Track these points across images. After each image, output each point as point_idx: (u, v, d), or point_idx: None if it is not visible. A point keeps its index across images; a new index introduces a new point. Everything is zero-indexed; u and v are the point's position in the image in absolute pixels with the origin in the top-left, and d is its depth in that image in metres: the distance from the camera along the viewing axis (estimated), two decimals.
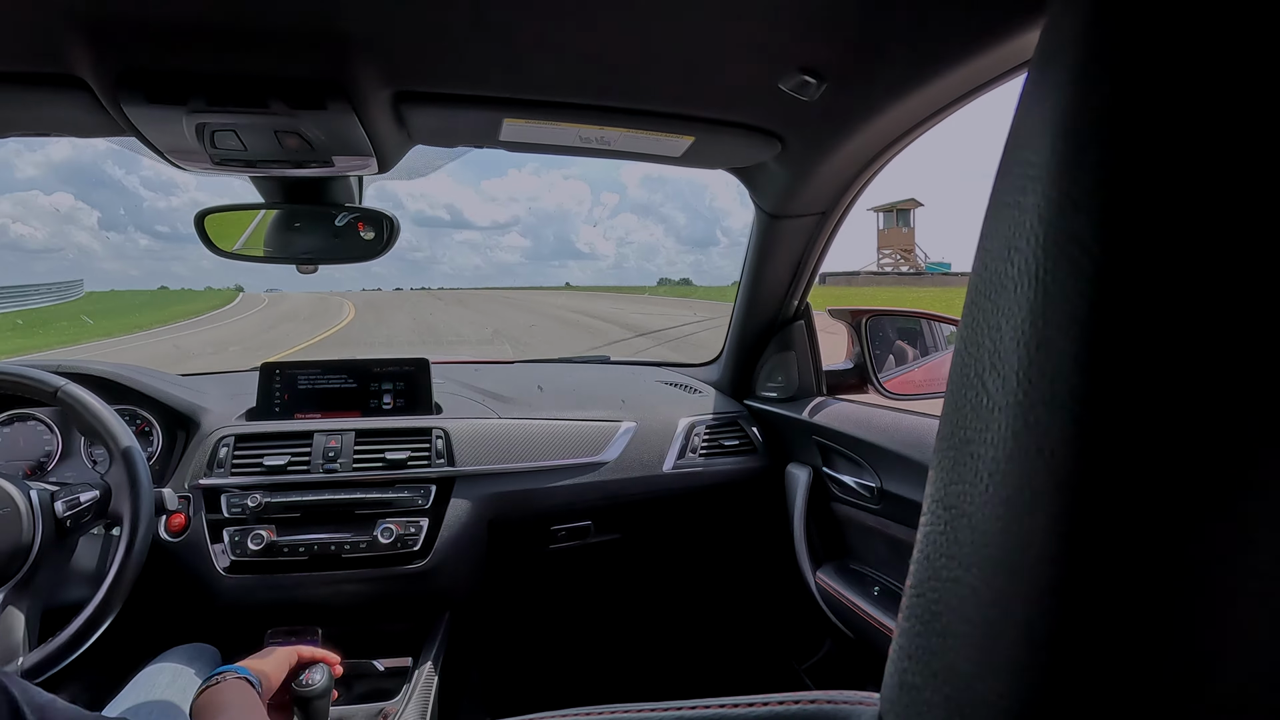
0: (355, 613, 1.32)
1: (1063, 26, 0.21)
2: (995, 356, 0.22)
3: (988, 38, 0.75)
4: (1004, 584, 0.21)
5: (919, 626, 0.25)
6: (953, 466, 0.24)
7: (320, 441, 1.31)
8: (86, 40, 0.75)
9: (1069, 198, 0.20)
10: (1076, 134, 0.20)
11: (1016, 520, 0.21)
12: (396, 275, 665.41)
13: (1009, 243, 0.22)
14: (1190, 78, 0.18)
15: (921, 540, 0.25)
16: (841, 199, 1.28)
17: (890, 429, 1.23)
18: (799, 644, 1.69)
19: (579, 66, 0.87)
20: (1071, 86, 0.20)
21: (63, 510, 1.00)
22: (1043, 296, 0.20)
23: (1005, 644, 0.21)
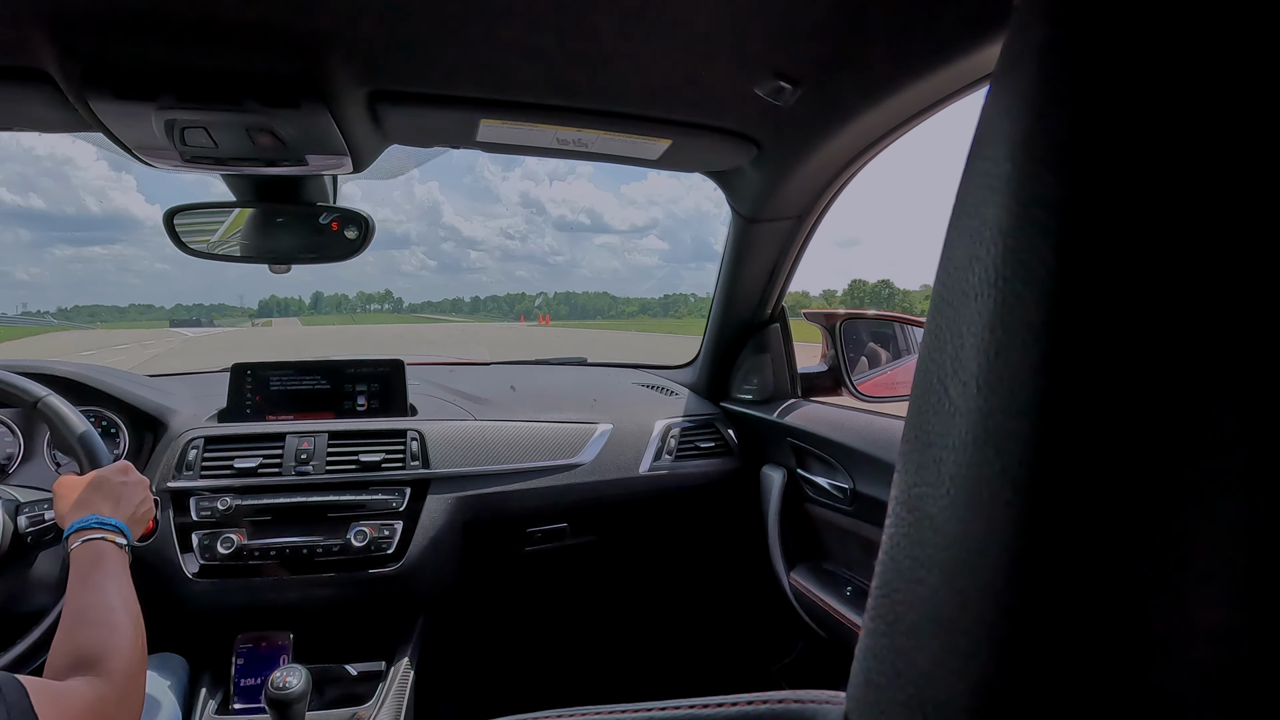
0: (327, 617, 1.30)
1: (1022, 42, 0.22)
2: (957, 362, 0.22)
3: (953, 51, 0.77)
4: (964, 584, 0.22)
5: (884, 626, 0.25)
6: (916, 469, 0.24)
7: (293, 443, 1.29)
8: (52, 33, 0.73)
9: (1026, 209, 0.20)
10: (1034, 147, 0.20)
11: (975, 523, 0.21)
12: (541, 279, 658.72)
13: (970, 252, 0.22)
14: (1143, 95, 0.18)
15: (887, 541, 0.26)
16: (816, 204, 1.30)
17: (863, 431, 1.24)
18: (773, 645, 1.70)
19: (556, 69, 0.87)
20: (1030, 101, 0.21)
21: (25, 525, 0.97)
22: (1001, 305, 0.21)
23: (965, 643, 0.22)
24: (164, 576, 1.19)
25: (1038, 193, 0.20)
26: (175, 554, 1.19)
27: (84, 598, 0.73)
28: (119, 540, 0.82)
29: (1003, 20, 0.69)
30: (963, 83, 0.85)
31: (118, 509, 0.87)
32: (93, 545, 0.80)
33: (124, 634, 0.70)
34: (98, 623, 0.70)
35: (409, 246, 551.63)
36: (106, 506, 0.86)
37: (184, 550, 1.20)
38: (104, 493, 0.88)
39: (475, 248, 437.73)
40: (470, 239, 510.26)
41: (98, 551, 0.79)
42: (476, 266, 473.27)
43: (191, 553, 1.20)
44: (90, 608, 0.72)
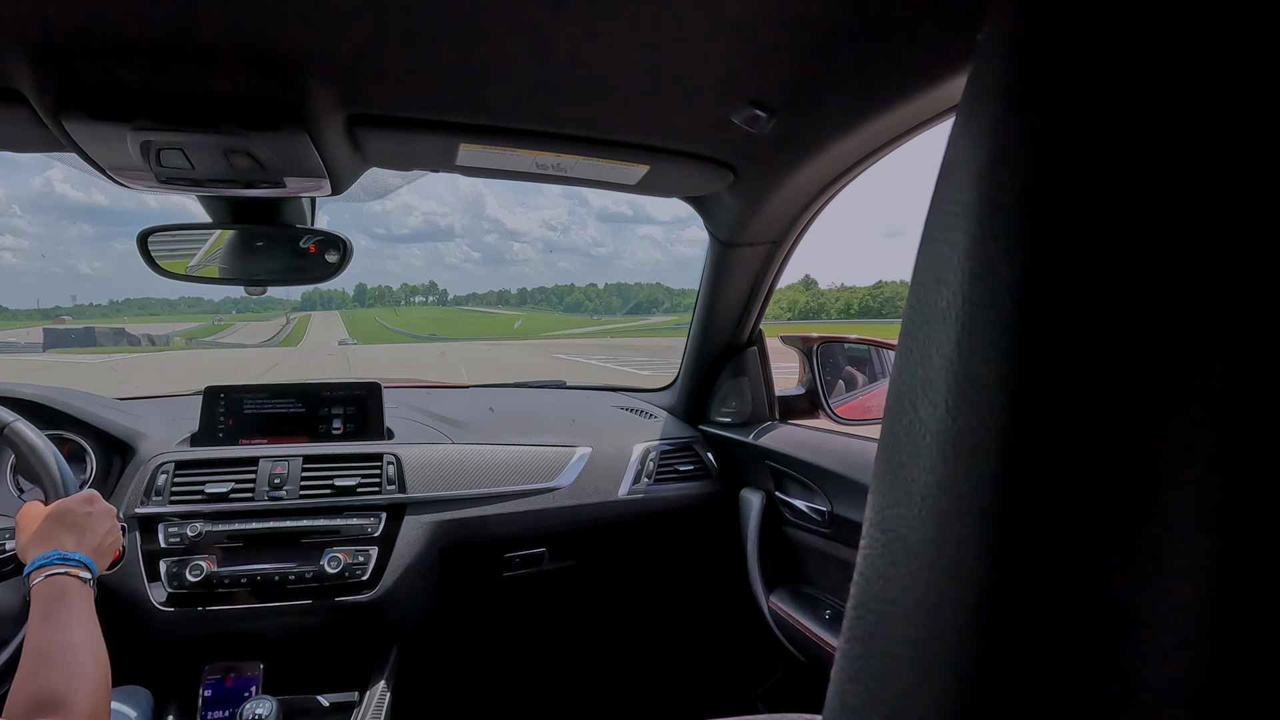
0: (299, 646, 1.27)
1: (985, 75, 0.22)
2: (927, 385, 0.23)
3: (922, 82, 0.79)
4: (936, 605, 0.22)
5: (859, 649, 0.25)
6: (889, 490, 0.24)
7: (266, 467, 1.27)
8: (27, 54, 0.72)
9: (991, 235, 0.21)
10: (998, 174, 0.21)
11: (946, 544, 0.22)
12: (583, 271, 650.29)
13: (938, 276, 0.23)
14: (1104, 124, 0.19)
15: (861, 563, 0.26)
16: (793, 228, 1.32)
17: (840, 453, 1.25)
18: (753, 669, 1.69)
19: (535, 95, 0.88)
20: (993, 130, 0.21)
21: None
22: (968, 329, 0.21)
23: (938, 664, 0.22)
24: (130, 605, 1.15)
25: (1001, 219, 0.21)
26: (142, 582, 1.16)
27: (46, 636, 0.71)
28: (83, 575, 0.80)
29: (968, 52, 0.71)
30: (933, 112, 0.87)
31: (82, 541, 0.84)
32: (55, 581, 0.77)
33: (87, 674, 0.69)
34: (60, 662, 0.68)
35: (454, 239, 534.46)
36: (70, 540, 0.84)
37: (151, 578, 1.17)
38: (67, 524, 0.85)
39: (518, 239, 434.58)
40: (513, 231, 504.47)
41: (60, 587, 0.77)
42: (519, 258, 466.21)
43: (159, 581, 1.17)
44: (52, 647, 0.70)
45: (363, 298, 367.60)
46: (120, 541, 0.93)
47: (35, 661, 0.68)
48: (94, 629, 0.75)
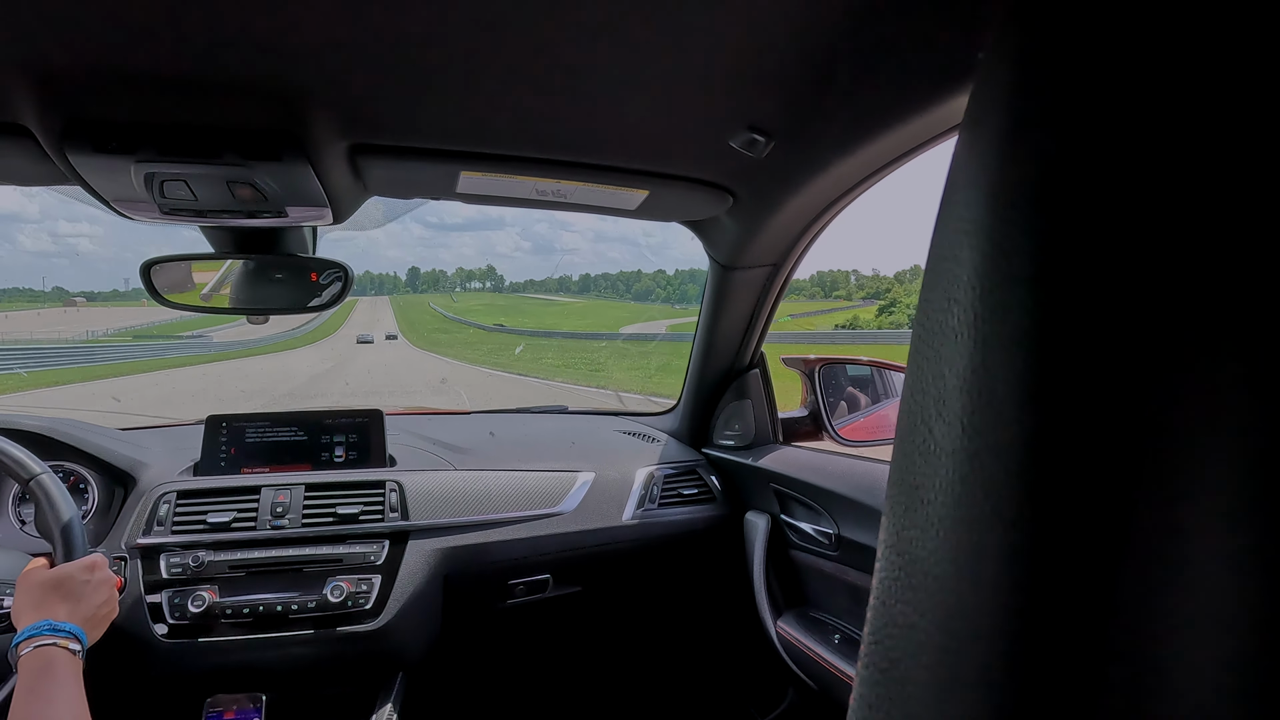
0: (302, 677, 1.26)
1: (988, 93, 0.23)
2: (940, 404, 0.23)
3: (921, 102, 0.80)
4: (958, 629, 0.21)
5: (877, 675, 0.25)
6: (904, 512, 0.24)
7: (268, 496, 1.27)
8: (31, 88, 0.73)
9: (1002, 251, 0.21)
10: (1006, 191, 0.21)
11: (967, 565, 0.21)
12: (632, 261, 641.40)
13: (948, 294, 0.23)
14: (1112, 137, 0.19)
15: (877, 586, 0.25)
16: (791, 252, 1.32)
17: (846, 475, 1.24)
18: (761, 695, 1.66)
19: (535, 123, 0.88)
20: (999, 147, 0.22)
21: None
22: (982, 346, 0.21)
23: (962, 690, 0.21)
24: (131, 637, 1.14)
25: (1011, 235, 0.21)
26: (144, 614, 1.15)
27: (30, 710, 0.70)
28: (72, 646, 0.79)
29: (969, 70, 0.72)
30: (933, 132, 0.88)
31: (75, 611, 0.84)
32: (43, 652, 0.77)
33: None
34: None
35: (504, 228, 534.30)
36: (63, 609, 0.83)
37: (153, 610, 1.16)
38: (64, 592, 0.85)
39: (568, 229, 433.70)
40: (563, 220, 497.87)
41: (47, 659, 0.76)
42: (569, 248, 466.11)
43: (161, 612, 1.16)
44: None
45: (415, 282, 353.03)
46: (115, 614, 0.92)
47: None
48: (80, 703, 0.75)
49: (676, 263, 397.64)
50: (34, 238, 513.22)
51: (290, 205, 0.96)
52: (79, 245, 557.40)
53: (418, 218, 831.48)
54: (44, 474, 0.99)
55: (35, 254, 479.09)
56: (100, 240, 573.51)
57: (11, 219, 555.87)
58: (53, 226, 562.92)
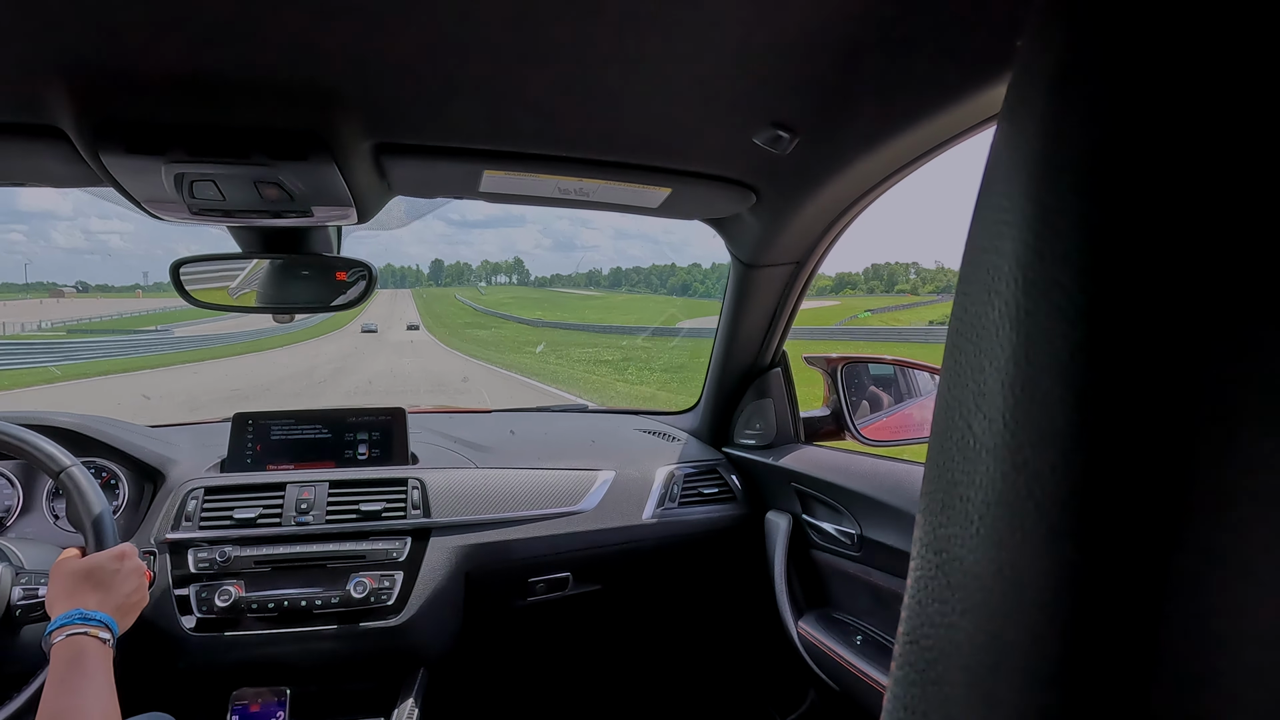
0: (326, 672, 1.27)
1: (1029, 79, 0.22)
2: (980, 398, 0.22)
3: (954, 93, 0.78)
4: (999, 629, 0.21)
5: (913, 675, 0.24)
6: (941, 510, 0.24)
7: (293, 493, 1.28)
8: (67, 91, 0.75)
9: (1045, 241, 0.20)
10: (1049, 180, 0.21)
11: (1009, 563, 0.21)
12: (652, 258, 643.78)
13: (988, 287, 0.22)
14: (1158, 122, 0.18)
15: (912, 586, 0.25)
16: (815, 249, 1.31)
17: (869, 475, 1.23)
18: (782, 696, 1.66)
19: (558, 121, 0.89)
20: (1041, 135, 0.21)
21: (18, 596, 0.96)
22: (1025, 339, 0.21)
23: (1004, 691, 0.21)
24: (159, 630, 1.16)
25: (1055, 225, 0.20)
26: (172, 607, 1.17)
27: (61, 701, 0.72)
28: (103, 635, 0.81)
29: (1004, 60, 0.71)
30: (964, 125, 0.86)
31: (106, 599, 0.86)
32: (74, 641, 0.78)
33: None
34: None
35: (525, 225, 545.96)
36: (94, 598, 0.85)
37: (180, 603, 1.18)
38: (94, 581, 0.86)
39: (589, 226, 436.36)
40: (584, 218, 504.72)
41: (79, 648, 0.78)
42: (589, 244, 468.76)
43: (189, 605, 1.18)
44: (65, 711, 0.71)
45: (439, 275, 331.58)
46: (145, 602, 0.94)
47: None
48: (109, 694, 0.76)
49: (699, 258, 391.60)
50: (67, 235, 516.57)
51: (316, 205, 0.97)
52: (110, 242, 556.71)
53: (440, 215, 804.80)
54: (74, 466, 1.01)
55: (69, 250, 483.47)
56: (131, 237, 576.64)
57: (46, 216, 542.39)
58: (85, 224, 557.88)
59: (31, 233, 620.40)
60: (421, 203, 1.17)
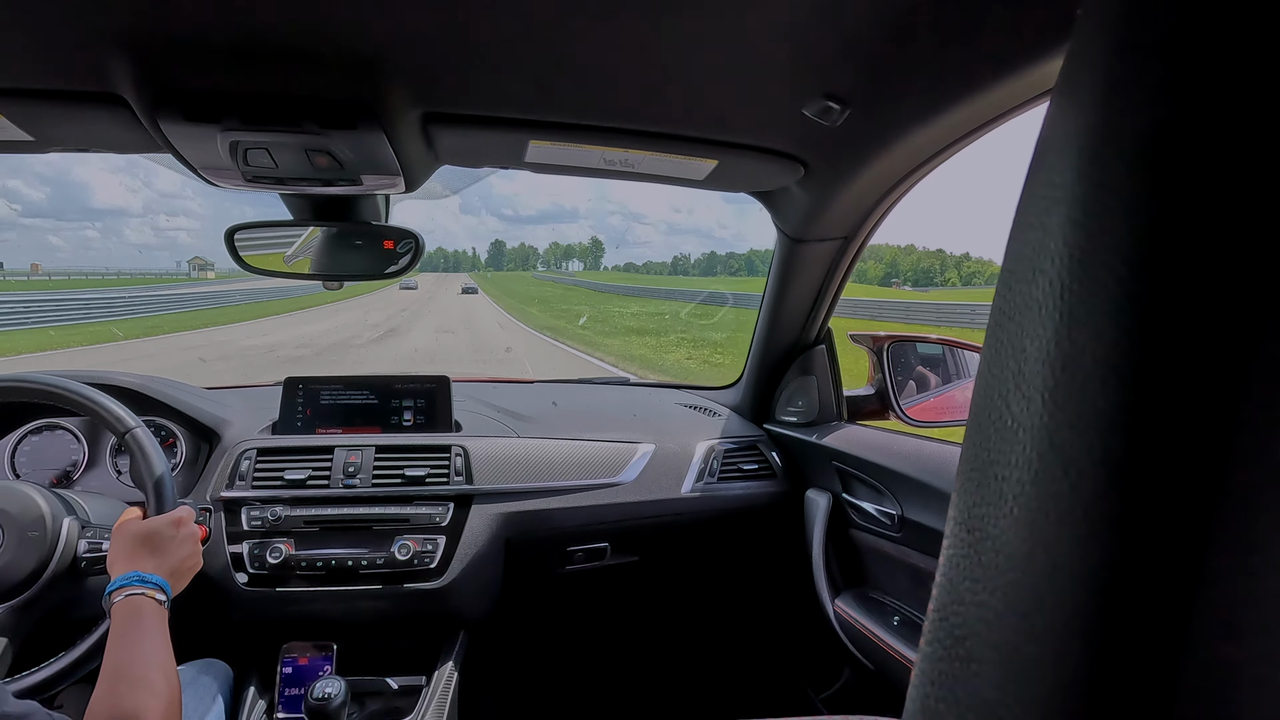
0: (371, 629, 1.32)
1: (1087, 52, 0.21)
2: (1020, 378, 0.22)
3: (1010, 66, 0.76)
4: (1029, 608, 0.21)
5: (941, 651, 0.25)
6: (976, 489, 0.24)
7: (341, 456, 1.32)
8: (128, 59, 0.77)
9: (1095, 219, 0.20)
10: (1102, 157, 0.20)
11: (1041, 544, 0.21)
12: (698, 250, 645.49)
13: (1033, 264, 0.22)
14: (1221, 99, 0.18)
15: (944, 563, 0.25)
16: (864, 224, 1.28)
17: (912, 456, 1.21)
18: (816, 672, 1.66)
19: (605, 91, 0.88)
20: (1096, 110, 0.20)
21: (84, 549, 1.01)
22: (1069, 318, 0.20)
23: (1033, 670, 0.21)
24: (216, 585, 1.22)
25: (1107, 201, 0.20)
26: (226, 562, 1.22)
27: (122, 656, 0.76)
28: (158, 597, 0.86)
29: (1062, 31, 0.68)
30: (1021, 98, 0.83)
31: (162, 563, 0.90)
32: (132, 601, 0.83)
33: (159, 693, 0.74)
34: (134, 681, 0.74)
35: (577, 220, 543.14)
36: (151, 562, 0.89)
37: (235, 559, 1.23)
38: (152, 546, 0.91)
39: (641, 221, 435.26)
40: (637, 213, 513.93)
41: (136, 608, 0.82)
42: (641, 240, 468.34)
43: (242, 562, 1.23)
44: (127, 665, 0.75)
45: (499, 260, 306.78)
46: (199, 567, 0.98)
47: (113, 680, 0.74)
48: (166, 650, 0.81)
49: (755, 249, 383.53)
50: (138, 231, 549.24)
51: (365, 173, 0.99)
52: (178, 238, 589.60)
53: (494, 210, 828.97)
54: (138, 428, 1.05)
55: (139, 246, 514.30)
56: (196, 234, 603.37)
57: (118, 213, 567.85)
58: (154, 220, 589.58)
59: (105, 229, 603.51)
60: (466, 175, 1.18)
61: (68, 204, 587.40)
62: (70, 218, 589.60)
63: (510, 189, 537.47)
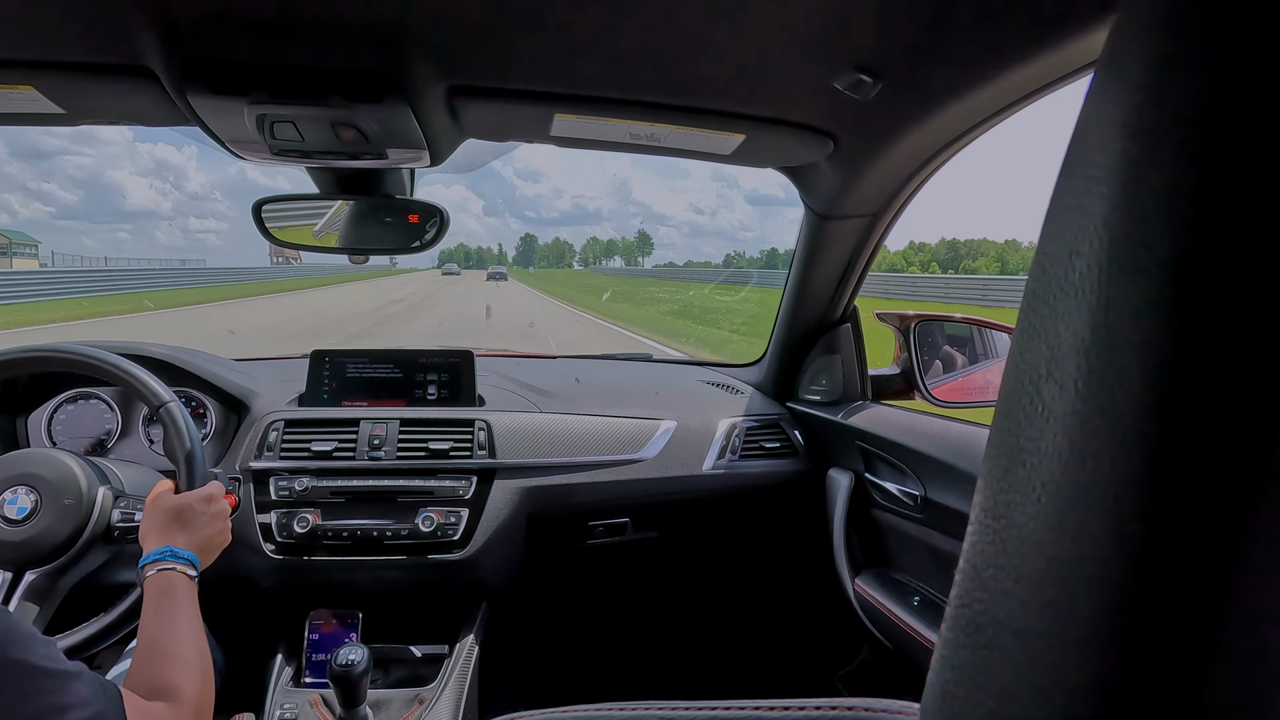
0: (395, 599, 1.34)
1: (1136, 21, 0.20)
2: (1052, 363, 0.21)
3: (1052, 37, 0.73)
4: (1055, 597, 0.21)
5: (963, 638, 0.24)
6: (1003, 475, 0.23)
7: (366, 429, 1.34)
8: (156, 32, 0.77)
9: (1137, 200, 0.19)
10: (1148, 134, 0.19)
11: (1069, 533, 0.20)
12: (718, 253, 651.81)
13: (1070, 247, 0.21)
14: (1275, 75, 0.17)
15: (968, 550, 0.25)
16: (894, 201, 1.26)
17: (937, 436, 1.20)
18: (835, 651, 1.67)
19: (631, 63, 0.87)
20: (1144, 85, 0.19)
21: (117, 519, 1.04)
22: (1106, 302, 0.20)
23: (1056, 660, 0.21)
24: (245, 551, 1.24)
25: (1150, 181, 0.19)
26: (255, 531, 1.25)
27: (157, 629, 0.80)
28: (189, 572, 0.88)
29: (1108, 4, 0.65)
30: (1057, 74, 0.81)
31: (193, 539, 0.93)
32: (164, 575, 0.86)
33: (193, 665, 0.77)
34: (170, 654, 0.77)
35: (600, 222, 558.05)
36: (182, 537, 0.92)
37: (263, 529, 1.25)
38: (183, 522, 0.93)
39: (664, 223, 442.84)
40: (659, 215, 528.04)
41: (169, 582, 0.85)
42: (664, 243, 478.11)
43: (270, 531, 1.25)
44: (161, 639, 0.79)
45: (530, 256, 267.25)
46: (228, 542, 1.01)
47: (149, 652, 0.77)
48: (197, 624, 0.84)
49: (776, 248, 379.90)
50: (168, 234, 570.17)
51: (390, 147, 0.98)
52: (207, 240, 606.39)
53: (516, 212, 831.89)
54: (172, 402, 1.07)
55: (169, 248, 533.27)
56: (225, 235, 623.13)
57: (149, 215, 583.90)
58: (184, 223, 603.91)
59: (136, 231, 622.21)
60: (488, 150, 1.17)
61: (100, 206, 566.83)
62: (103, 220, 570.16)
63: (533, 191, 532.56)
